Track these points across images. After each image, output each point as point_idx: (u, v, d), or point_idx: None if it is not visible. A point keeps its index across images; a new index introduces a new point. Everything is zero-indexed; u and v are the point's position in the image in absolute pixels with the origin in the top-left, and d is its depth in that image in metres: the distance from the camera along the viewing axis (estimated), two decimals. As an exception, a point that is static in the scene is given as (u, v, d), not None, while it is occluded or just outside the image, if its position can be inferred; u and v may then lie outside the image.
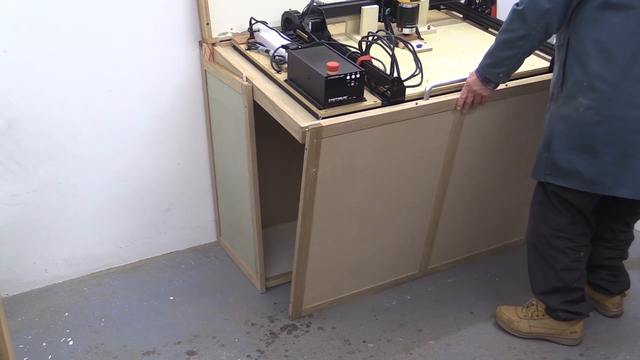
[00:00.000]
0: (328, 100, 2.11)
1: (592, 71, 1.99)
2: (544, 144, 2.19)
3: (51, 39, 2.39)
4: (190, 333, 2.49)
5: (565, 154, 2.12)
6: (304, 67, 2.17)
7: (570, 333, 2.41)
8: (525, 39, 2.04)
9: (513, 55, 2.10)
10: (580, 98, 2.03)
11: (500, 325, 2.50)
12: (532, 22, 2.00)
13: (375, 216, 2.46)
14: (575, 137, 2.09)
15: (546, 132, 2.19)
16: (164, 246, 2.95)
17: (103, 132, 2.61)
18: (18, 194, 2.55)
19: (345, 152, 2.19)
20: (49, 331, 2.50)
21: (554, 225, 2.27)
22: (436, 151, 2.40)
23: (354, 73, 2.11)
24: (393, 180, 2.39)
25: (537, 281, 2.40)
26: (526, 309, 2.47)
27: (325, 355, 2.39)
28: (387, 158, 2.31)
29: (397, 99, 2.19)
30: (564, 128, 2.10)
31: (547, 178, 2.19)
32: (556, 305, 2.36)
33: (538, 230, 2.33)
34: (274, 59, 2.36)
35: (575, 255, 2.30)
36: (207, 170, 2.89)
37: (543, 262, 2.34)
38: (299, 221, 2.27)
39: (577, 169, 2.11)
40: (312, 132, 2.06)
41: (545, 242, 2.31)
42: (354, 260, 2.55)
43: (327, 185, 2.23)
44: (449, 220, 2.67)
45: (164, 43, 2.58)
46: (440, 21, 2.85)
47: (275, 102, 2.20)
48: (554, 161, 2.15)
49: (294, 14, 2.51)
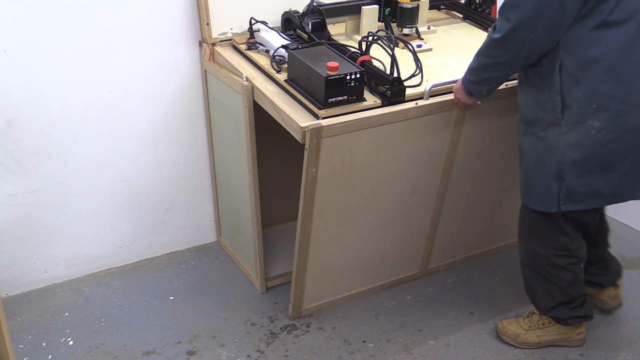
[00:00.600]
0: (328, 100, 2.11)
1: (601, 93, 1.93)
2: (550, 175, 2.07)
3: (51, 39, 2.39)
4: (190, 333, 2.49)
5: (582, 180, 2.04)
6: (304, 67, 2.17)
7: (577, 335, 2.39)
8: (507, 64, 1.99)
9: (495, 77, 2.06)
10: (590, 121, 1.96)
11: (505, 341, 2.42)
12: (512, 52, 1.95)
13: (375, 216, 2.46)
14: (591, 161, 2.01)
15: (548, 162, 2.06)
16: (164, 246, 2.95)
17: (103, 132, 2.61)
18: (18, 194, 2.55)
19: (345, 152, 2.19)
20: (49, 331, 2.50)
21: (554, 246, 2.21)
22: (436, 151, 2.40)
23: (354, 73, 2.10)
24: (393, 181, 2.39)
25: (541, 300, 2.34)
26: (529, 319, 2.41)
27: (325, 355, 2.39)
28: (387, 158, 2.31)
29: (397, 99, 2.19)
30: (576, 154, 2.01)
31: (562, 207, 2.09)
32: (565, 315, 2.33)
33: (534, 253, 2.26)
34: (274, 59, 2.36)
35: (577, 268, 2.26)
36: (207, 170, 2.89)
37: (544, 280, 2.28)
38: (299, 221, 2.27)
39: (596, 190, 2.05)
40: (312, 132, 2.06)
41: (544, 262, 2.24)
42: (354, 260, 2.55)
43: (327, 185, 2.23)
44: (449, 220, 2.67)
45: (164, 43, 2.58)
46: (440, 21, 2.85)
47: (275, 102, 2.20)
48: (570, 189, 2.05)
49: (294, 14, 2.51)
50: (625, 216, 3.13)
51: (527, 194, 2.19)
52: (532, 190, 2.15)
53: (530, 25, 1.87)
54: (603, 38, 1.90)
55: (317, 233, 2.34)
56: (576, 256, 2.24)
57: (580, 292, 2.31)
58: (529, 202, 2.18)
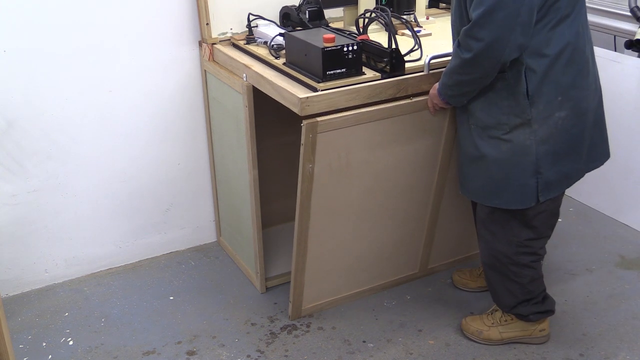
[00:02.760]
0: (326, 73, 2.09)
1: (563, 84, 2.00)
2: (525, 172, 2.08)
3: (51, 39, 2.39)
4: (190, 333, 2.49)
5: (555, 168, 2.09)
6: (301, 44, 2.17)
7: (540, 331, 2.40)
8: (484, 77, 1.99)
9: (474, 90, 2.06)
10: (557, 113, 2.03)
11: (469, 337, 2.43)
12: (487, 68, 1.95)
13: (374, 214, 2.45)
14: (560, 149, 2.07)
15: (521, 161, 2.07)
16: (164, 246, 2.95)
17: (103, 132, 2.61)
18: (18, 194, 2.55)
19: (341, 147, 2.19)
20: (49, 331, 2.50)
21: (517, 243, 2.21)
22: (433, 147, 2.40)
23: (351, 45, 2.09)
24: (390, 177, 2.39)
25: (503, 299, 2.36)
26: (492, 316, 2.43)
27: (325, 355, 2.39)
28: (383, 154, 2.31)
29: (397, 72, 2.18)
30: (548, 147, 2.06)
31: (540, 199, 2.12)
32: (527, 312, 2.35)
33: (496, 251, 2.25)
34: (272, 47, 2.36)
35: (538, 265, 2.30)
36: (207, 170, 2.89)
37: (506, 280, 2.30)
38: (297, 218, 2.27)
39: (565, 173, 2.12)
40: (307, 127, 2.06)
41: (506, 261, 2.25)
42: (353, 259, 2.55)
43: (324, 182, 2.23)
44: (448, 219, 2.67)
45: (163, 43, 2.58)
46: (440, 15, 2.86)
47: (274, 81, 2.20)
48: (547, 181, 2.09)
49: (292, 7, 2.51)
50: (625, 216, 3.13)
51: (495, 196, 2.16)
52: (502, 191, 2.14)
53: (504, 41, 1.89)
54: (560, 34, 1.96)
55: (315, 230, 2.34)
56: (538, 253, 2.27)
57: (541, 289, 2.34)
58: (500, 203, 2.16)
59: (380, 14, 2.25)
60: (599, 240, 3.03)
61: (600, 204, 3.25)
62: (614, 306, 2.60)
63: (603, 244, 3.00)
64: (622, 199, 3.13)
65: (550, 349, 2.40)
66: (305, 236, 2.33)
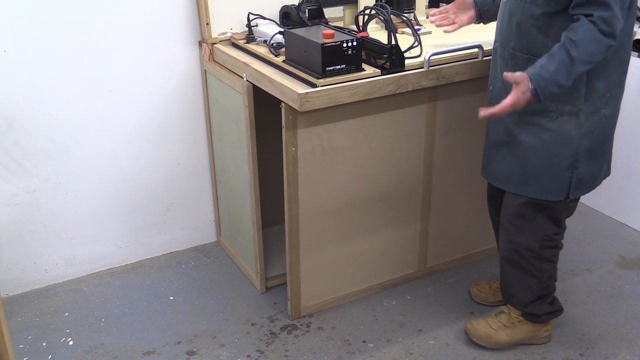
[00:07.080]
0: (326, 69, 2.09)
1: (614, 80, 1.95)
2: (563, 164, 2.04)
3: (51, 39, 2.39)
4: (190, 333, 2.49)
5: (588, 167, 2.06)
6: (300, 40, 2.17)
7: (544, 331, 2.39)
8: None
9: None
10: (602, 110, 1.98)
11: (477, 342, 2.38)
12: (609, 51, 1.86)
13: (363, 205, 2.46)
14: (597, 147, 2.04)
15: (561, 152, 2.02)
16: (164, 246, 2.95)
17: (103, 132, 2.62)
18: (18, 194, 2.55)
19: (322, 131, 2.21)
20: (49, 331, 2.50)
21: (543, 237, 2.19)
22: (414, 135, 2.42)
23: (350, 41, 2.09)
24: (375, 164, 2.40)
25: (519, 296, 2.32)
26: (497, 318, 2.39)
27: (325, 355, 2.39)
28: (365, 140, 2.33)
29: (397, 69, 2.18)
30: (588, 143, 2.02)
31: (571, 195, 2.09)
32: (541, 312, 2.33)
33: (520, 245, 2.21)
34: (272, 46, 2.37)
35: (557, 260, 2.29)
36: (207, 170, 2.89)
37: (525, 275, 2.26)
38: (286, 205, 2.28)
39: (594, 175, 2.10)
40: (287, 109, 2.09)
41: (529, 254, 2.21)
42: (348, 253, 2.54)
43: (308, 166, 2.25)
44: (440, 212, 2.67)
45: (163, 43, 2.58)
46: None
47: (273, 77, 2.20)
48: (579, 177, 2.06)
49: (292, 6, 2.52)
50: (625, 216, 3.13)
51: (524, 184, 2.12)
52: (534, 180, 2.09)
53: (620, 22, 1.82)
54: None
55: (305, 222, 2.35)
56: (559, 247, 2.26)
57: (554, 285, 2.33)
58: (531, 192, 2.11)
59: (380, 10, 2.26)
60: (599, 240, 3.03)
61: (600, 204, 3.25)
62: (614, 306, 2.60)
63: (603, 244, 3.00)
64: (622, 199, 3.13)
65: (550, 349, 2.40)
66: (296, 225, 2.34)
